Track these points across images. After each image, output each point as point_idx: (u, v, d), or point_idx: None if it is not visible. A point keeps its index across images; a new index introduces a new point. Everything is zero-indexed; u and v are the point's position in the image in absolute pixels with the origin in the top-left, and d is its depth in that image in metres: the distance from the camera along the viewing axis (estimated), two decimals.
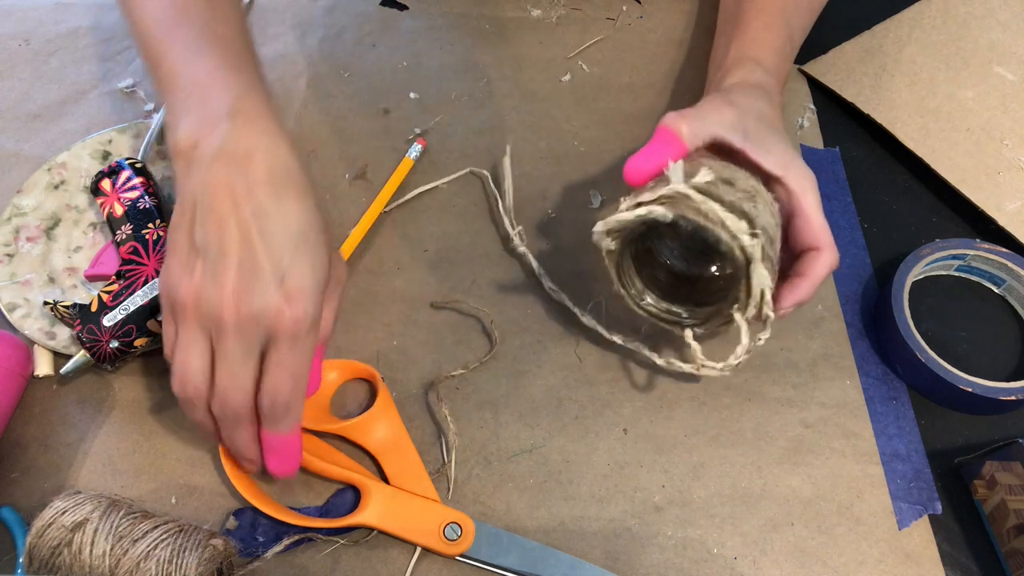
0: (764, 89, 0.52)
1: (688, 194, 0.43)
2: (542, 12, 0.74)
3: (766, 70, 0.54)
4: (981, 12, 0.69)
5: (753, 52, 0.55)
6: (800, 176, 0.47)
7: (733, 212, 0.42)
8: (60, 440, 0.51)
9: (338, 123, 0.66)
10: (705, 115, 0.47)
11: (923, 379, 0.53)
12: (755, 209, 0.44)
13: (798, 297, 0.47)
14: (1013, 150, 0.61)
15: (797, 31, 0.60)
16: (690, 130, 0.46)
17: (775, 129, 0.49)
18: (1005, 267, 0.56)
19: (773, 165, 0.47)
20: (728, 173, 0.45)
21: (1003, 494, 0.47)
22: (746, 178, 0.45)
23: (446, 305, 0.57)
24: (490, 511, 0.49)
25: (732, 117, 0.48)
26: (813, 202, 0.47)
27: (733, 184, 0.44)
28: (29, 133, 0.65)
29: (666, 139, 0.47)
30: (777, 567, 0.47)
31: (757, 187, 0.45)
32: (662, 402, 0.53)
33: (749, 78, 0.53)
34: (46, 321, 0.54)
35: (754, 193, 0.45)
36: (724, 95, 0.50)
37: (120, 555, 0.41)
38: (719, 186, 0.44)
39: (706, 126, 0.47)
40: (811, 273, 0.47)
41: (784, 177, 0.47)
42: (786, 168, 0.47)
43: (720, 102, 0.49)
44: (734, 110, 0.48)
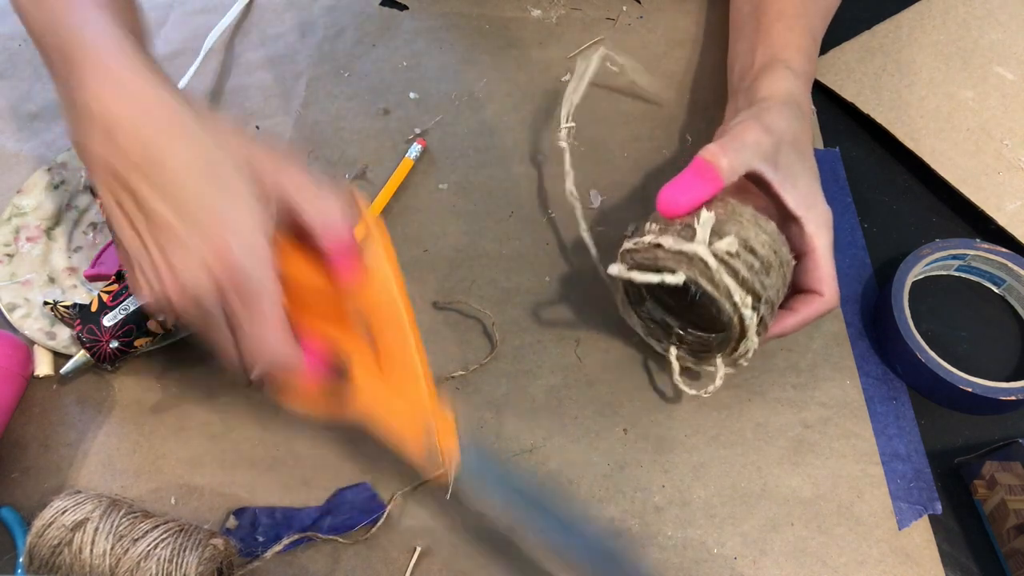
0: (796, 102, 0.51)
1: (707, 261, 0.43)
2: (542, 12, 0.74)
3: (796, 73, 0.53)
4: (981, 12, 0.69)
5: (782, 55, 0.54)
6: (818, 219, 0.47)
7: (744, 288, 0.44)
8: (60, 440, 0.51)
9: (338, 123, 0.66)
10: (744, 146, 0.46)
11: (923, 379, 0.53)
12: (767, 280, 0.45)
13: (780, 330, 0.48)
14: (1013, 150, 0.61)
15: (818, 32, 0.60)
16: (730, 165, 0.45)
17: (804, 156, 0.49)
18: (1005, 267, 0.56)
19: (795, 204, 0.47)
20: (753, 234, 0.45)
21: (1003, 494, 0.47)
22: (768, 241, 0.45)
23: (447, 305, 0.57)
24: (490, 511, 0.49)
25: (768, 146, 0.47)
26: (825, 247, 0.47)
27: (754, 252, 0.44)
28: (29, 133, 0.65)
29: (703, 173, 0.45)
30: (777, 567, 0.47)
31: (776, 246, 0.46)
32: (662, 402, 0.53)
33: (780, 88, 0.52)
34: (46, 321, 0.54)
35: (770, 263, 0.45)
36: (759, 118, 0.48)
37: (120, 554, 0.41)
38: (739, 257, 0.44)
39: (744, 159, 0.46)
40: (803, 312, 0.48)
41: (803, 219, 0.47)
42: (808, 208, 0.47)
43: (758, 129, 0.47)
44: (770, 138, 0.47)
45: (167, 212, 0.37)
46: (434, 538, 0.48)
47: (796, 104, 0.51)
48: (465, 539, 0.48)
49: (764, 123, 0.48)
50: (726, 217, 0.45)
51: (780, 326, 0.48)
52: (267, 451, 0.51)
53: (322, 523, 0.48)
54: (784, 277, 0.46)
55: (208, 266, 0.37)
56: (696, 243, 0.44)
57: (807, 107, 0.53)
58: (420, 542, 0.48)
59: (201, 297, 0.37)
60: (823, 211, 0.48)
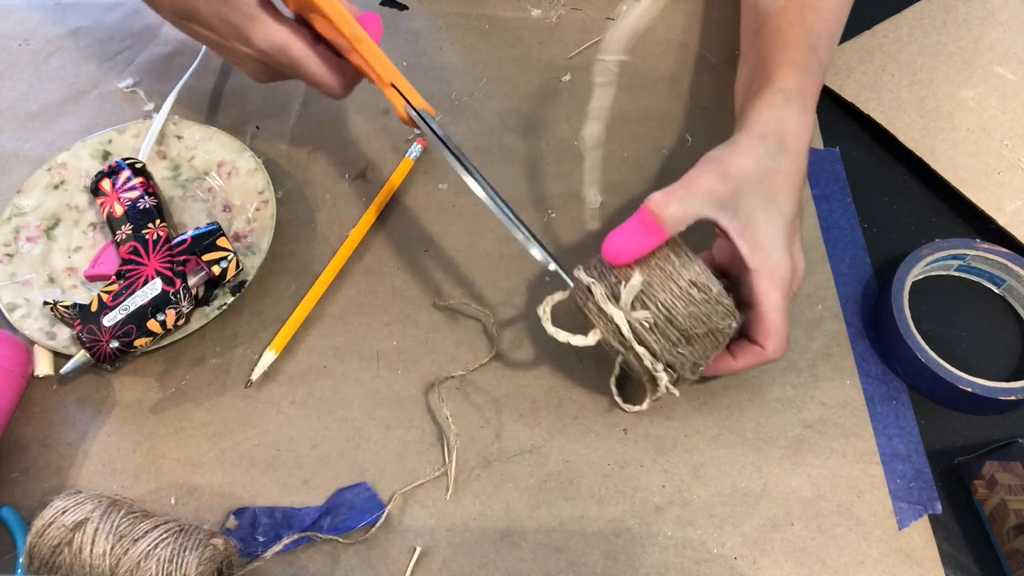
0: (777, 135, 0.49)
1: (622, 329, 0.45)
2: (542, 12, 0.74)
3: (787, 96, 0.50)
4: (981, 12, 0.69)
5: (775, 76, 0.52)
6: (772, 273, 0.46)
7: (656, 358, 0.45)
8: (60, 440, 0.51)
9: (338, 123, 0.66)
10: (694, 195, 0.45)
11: (923, 379, 0.53)
12: (687, 350, 0.45)
13: (717, 372, 0.49)
14: (1013, 150, 0.61)
15: (823, 38, 0.56)
16: (674, 216, 0.45)
17: (773, 199, 0.47)
18: (1005, 267, 0.56)
19: (749, 255, 0.46)
20: (681, 306, 0.44)
21: (1003, 494, 0.47)
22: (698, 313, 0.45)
23: (447, 305, 0.57)
24: (490, 511, 0.49)
25: (724, 195, 0.46)
26: (772, 303, 0.46)
27: (675, 325, 0.44)
28: (29, 133, 0.65)
29: (647, 224, 0.45)
30: (777, 567, 0.47)
31: (708, 315, 0.45)
32: (662, 402, 0.53)
33: (763, 117, 0.49)
34: (46, 321, 0.54)
35: (694, 334, 0.45)
36: (720, 161, 0.47)
37: (120, 554, 0.41)
38: (656, 329, 0.45)
39: (692, 209, 0.45)
40: (742, 360, 0.48)
41: (755, 272, 0.46)
42: (763, 261, 0.46)
43: (714, 176, 0.46)
44: (728, 186, 0.46)
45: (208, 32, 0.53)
46: (434, 538, 0.48)
47: (776, 137, 0.48)
48: (465, 539, 0.48)
49: (723, 167, 0.46)
50: (660, 282, 0.45)
51: (717, 368, 0.49)
52: (267, 451, 0.51)
53: (322, 523, 0.48)
54: (718, 340, 0.46)
55: (250, 56, 0.52)
56: (616, 308, 0.45)
57: (800, 133, 0.50)
58: (420, 542, 0.48)
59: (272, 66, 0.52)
60: (780, 264, 0.46)
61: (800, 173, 0.49)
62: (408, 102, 0.51)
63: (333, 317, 0.56)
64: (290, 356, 0.55)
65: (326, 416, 0.52)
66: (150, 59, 0.70)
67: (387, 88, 0.51)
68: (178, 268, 0.52)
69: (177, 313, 0.51)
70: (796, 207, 0.49)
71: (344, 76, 0.52)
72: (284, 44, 0.50)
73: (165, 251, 0.53)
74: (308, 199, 0.62)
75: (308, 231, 0.60)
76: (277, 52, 0.50)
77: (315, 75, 0.51)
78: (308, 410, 0.53)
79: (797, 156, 0.49)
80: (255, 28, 0.50)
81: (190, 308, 0.52)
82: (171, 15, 0.54)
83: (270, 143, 0.65)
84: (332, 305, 0.57)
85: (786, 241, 0.47)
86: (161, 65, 0.69)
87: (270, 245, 0.57)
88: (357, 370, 0.54)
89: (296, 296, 0.56)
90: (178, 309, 0.51)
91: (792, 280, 0.47)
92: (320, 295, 0.56)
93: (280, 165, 0.64)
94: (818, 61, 0.54)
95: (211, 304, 0.55)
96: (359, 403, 0.53)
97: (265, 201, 0.59)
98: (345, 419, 0.52)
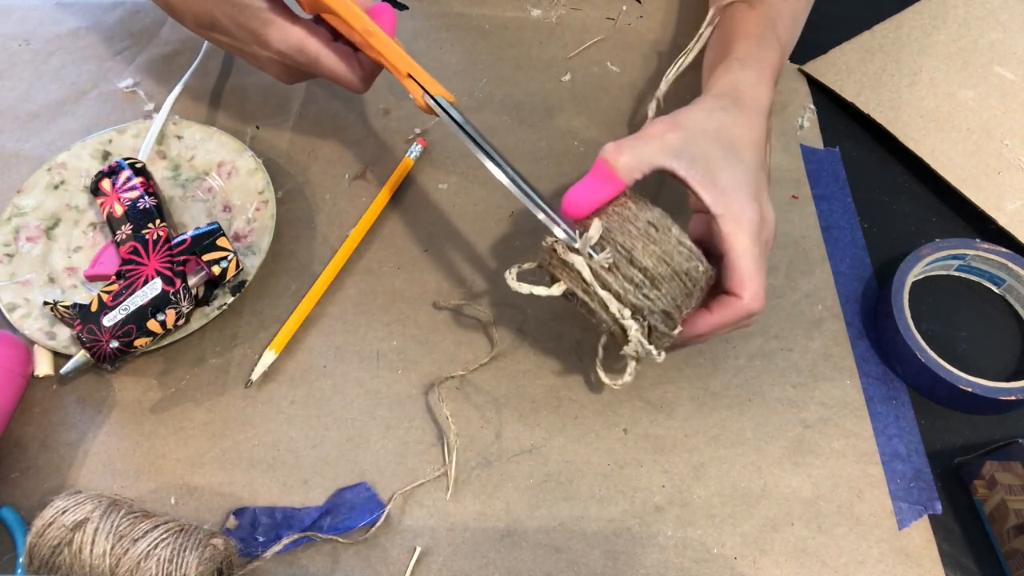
0: (734, 93, 0.50)
1: (583, 274, 0.44)
2: (542, 12, 0.74)
3: (743, 63, 0.52)
4: (981, 12, 0.69)
5: (733, 47, 0.53)
6: (738, 216, 0.45)
7: (620, 301, 0.44)
8: (60, 440, 0.51)
9: (338, 123, 0.66)
10: (645, 144, 0.46)
11: (923, 379, 0.53)
12: (653, 293, 0.44)
13: (696, 332, 0.47)
14: (1013, 150, 0.61)
15: (784, 17, 0.57)
16: (626, 164, 0.45)
17: (732, 149, 0.47)
18: (1005, 267, 0.56)
19: (712, 201, 0.45)
20: (640, 245, 0.44)
21: (1003, 494, 0.47)
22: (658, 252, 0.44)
23: (447, 306, 0.57)
24: (490, 511, 0.49)
25: (677, 142, 0.46)
26: (742, 248, 0.45)
27: (636, 264, 0.44)
28: (29, 133, 0.65)
29: (603, 174, 0.45)
30: (777, 567, 0.47)
31: (671, 256, 0.44)
32: (662, 402, 0.53)
33: (719, 83, 0.51)
34: (46, 321, 0.54)
35: (658, 275, 0.44)
36: (673, 115, 0.48)
37: (120, 554, 0.41)
38: (618, 270, 0.44)
39: (645, 157, 0.45)
40: (719, 314, 0.46)
41: (719, 217, 0.45)
42: (726, 206, 0.45)
43: (665, 126, 0.47)
44: (680, 134, 0.46)
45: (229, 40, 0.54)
46: (434, 538, 0.48)
47: (731, 95, 0.49)
48: (465, 539, 0.48)
49: (675, 119, 0.47)
50: (619, 226, 0.45)
51: (694, 327, 0.46)
52: (267, 451, 0.51)
53: (322, 523, 0.48)
54: (686, 286, 0.45)
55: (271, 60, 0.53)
56: (575, 255, 0.44)
57: (756, 95, 0.50)
58: (420, 542, 0.48)
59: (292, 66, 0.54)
60: (745, 208, 0.45)
61: (760, 129, 0.49)
62: (426, 90, 0.51)
63: (333, 317, 0.56)
64: (290, 356, 0.55)
65: (326, 416, 0.52)
66: (150, 59, 0.70)
67: (404, 79, 0.51)
68: (178, 268, 0.52)
69: (177, 313, 0.51)
70: (759, 159, 0.48)
71: (363, 70, 0.53)
72: (300, 44, 0.51)
73: (165, 251, 0.53)
74: (308, 199, 0.62)
75: (308, 231, 0.60)
76: (295, 52, 0.51)
77: (334, 71, 0.52)
78: (308, 410, 0.53)
79: (755, 113, 0.49)
80: (271, 31, 0.51)
81: (190, 308, 0.52)
82: (193, 26, 0.56)
83: (270, 143, 0.65)
84: (332, 305, 0.57)
85: (751, 189, 0.46)
86: (161, 65, 0.69)
87: (270, 245, 0.57)
88: (357, 370, 0.54)
89: (296, 296, 0.56)
90: (178, 309, 0.51)
91: (762, 228, 0.46)
92: (320, 295, 0.56)
93: (280, 165, 0.64)
94: (776, 36, 0.55)
95: (211, 304, 0.55)
96: (359, 403, 0.53)
97: (265, 201, 0.59)
98: (345, 419, 0.52)
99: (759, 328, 0.56)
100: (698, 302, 0.46)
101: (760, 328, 0.56)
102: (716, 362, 0.55)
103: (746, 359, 0.55)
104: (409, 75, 0.51)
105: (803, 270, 0.59)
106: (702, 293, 0.46)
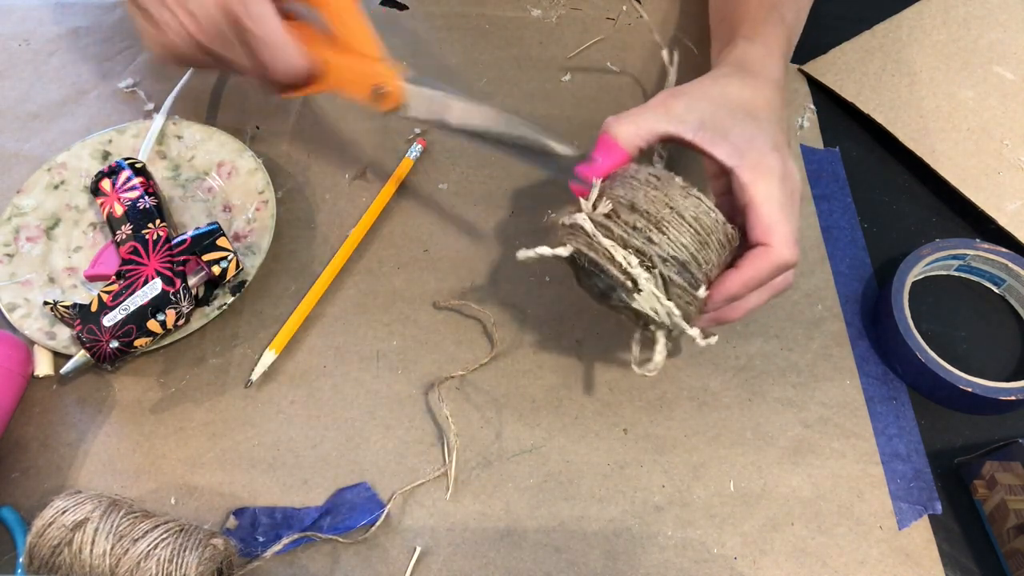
0: (740, 68, 0.49)
1: (585, 227, 0.43)
2: (542, 12, 0.74)
3: (749, 40, 0.51)
4: (981, 12, 0.69)
5: (736, 33, 0.53)
6: (754, 166, 0.43)
7: (623, 245, 0.42)
8: (60, 440, 0.51)
9: (338, 123, 0.66)
10: (644, 113, 0.45)
11: (923, 379, 0.53)
12: (658, 237, 0.42)
13: (726, 290, 0.43)
14: (1013, 150, 0.61)
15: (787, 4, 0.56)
16: (627, 133, 0.45)
17: (741, 112, 0.45)
18: (1005, 267, 0.56)
19: (726, 155, 0.44)
20: (641, 193, 0.43)
21: (1003, 494, 0.47)
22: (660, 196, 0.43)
23: (448, 306, 0.57)
24: (490, 511, 0.49)
25: (680, 108, 0.45)
26: (765, 193, 0.43)
27: (637, 209, 0.43)
28: (29, 133, 0.65)
29: (607, 147, 0.45)
30: (777, 567, 0.47)
31: (673, 201, 0.43)
32: (662, 402, 0.53)
33: (725, 59, 0.51)
34: (46, 321, 0.54)
35: (662, 218, 0.42)
36: (678, 88, 0.47)
37: (120, 554, 0.41)
38: (618, 216, 0.43)
39: (646, 125, 0.45)
40: (748, 268, 0.43)
41: (736, 168, 0.43)
42: (741, 157, 0.43)
43: (666, 95, 0.47)
44: (683, 100, 0.46)
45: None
46: (434, 538, 0.48)
47: (739, 65, 0.49)
48: (465, 539, 0.48)
49: (679, 89, 0.47)
50: (620, 182, 0.44)
51: (724, 287, 0.43)
52: (267, 451, 0.51)
53: (322, 523, 0.48)
54: (698, 233, 0.43)
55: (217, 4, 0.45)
56: (578, 213, 0.44)
57: (765, 65, 0.49)
58: (420, 542, 0.48)
59: (219, 25, 0.46)
60: (765, 156, 0.43)
61: (772, 94, 0.48)
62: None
63: (333, 317, 0.56)
64: (290, 356, 0.55)
65: (326, 416, 0.52)
66: (150, 59, 0.70)
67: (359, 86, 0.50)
68: (178, 268, 0.52)
69: (177, 313, 0.51)
70: (776, 118, 0.47)
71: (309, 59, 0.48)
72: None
73: (165, 251, 0.53)
74: (308, 199, 0.62)
75: (308, 231, 0.60)
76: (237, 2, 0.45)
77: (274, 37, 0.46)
78: (308, 410, 0.53)
79: (764, 79, 0.48)
80: None
81: (190, 308, 0.52)
82: None
83: (270, 143, 0.65)
84: (332, 305, 0.57)
85: (770, 140, 0.45)
86: (161, 65, 0.69)
87: (270, 245, 0.57)
88: (357, 370, 0.54)
89: (296, 296, 0.56)
90: (178, 309, 0.51)
91: (785, 177, 0.44)
92: (320, 295, 0.56)
93: (280, 165, 0.64)
94: (781, 17, 0.54)
95: (211, 304, 0.55)
96: (359, 403, 0.53)
97: (265, 201, 0.59)
98: (345, 419, 0.52)
99: (759, 328, 0.56)
100: (721, 258, 0.44)
101: (760, 328, 0.56)
102: (716, 362, 0.55)
103: (746, 359, 0.55)
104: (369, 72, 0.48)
105: (803, 270, 0.59)
106: (722, 249, 0.44)
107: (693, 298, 0.43)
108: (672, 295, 0.43)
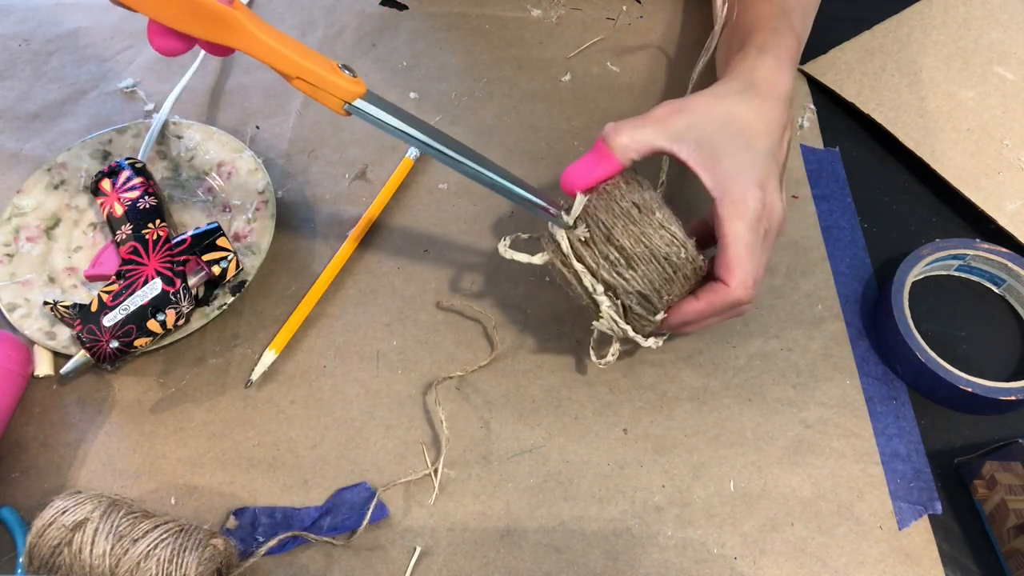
0: (749, 85, 0.48)
1: (561, 245, 0.46)
2: (542, 12, 0.74)
3: (760, 49, 0.51)
4: (981, 12, 0.69)
5: (749, 36, 0.53)
6: (734, 201, 0.44)
7: (593, 276, 0.45)
8: (60, 440, 0.51)
9: (338, 123, 0.66)
10: (645, 126, 0.46)
11: (923, 379, 0.53)
12: (628, 273, 0.45)
13: (682, 318, 0.46)
14: (1013, 150, 0.61)
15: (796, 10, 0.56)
16: (622, 145, 0.45)
17: (740, 139, 0.46)
18: (1005, 267, 0.56)
19: (712, 185, 0.45)
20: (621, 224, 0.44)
21: (1003, 494, 0.47)
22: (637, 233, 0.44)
23: (447, 306, 0.57)
24: (490, 511, 0.49)
25: (680, 126, 0.46)
26: (734, 234, 0.44)
27: (613, 242, 0.44)
28: (29, 133, 0.65)
29: (601, 154, 0.46)
30: (777, 567, 0.47)
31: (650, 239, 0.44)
32: (662, 402, 0.53)
33: (734, 70, 0.50)
34: (46, 321, 0.54)
35: (634, 255, 0.44)
36: (683, 100, 0.47)
37: (120, 555, 0.41)
38: (594, 245, 0.45)
39: (643, 139, 0.45)
40: (704, 300, 0.45)
41: (717, 201, 0.45)
42: (724, 190, 0.45)
43: (670, 110, 0.47)
44: (685, 117, 0.46)
45: None
46: (434, 538, 0.48)
47: (748, 80, 0.48)
48: (465, 539, 0.48)
49: (683, 103, 0.47)
50: (604, 204, 0.45)
51: (679, 313, 0.46)
52: (267, 451, 0.51)
53: (322, 523, 0.48)
54: (664, 270, 0.45)
55: None
56: (558, 227, 0.46)
57: (774, 81, 0.49)
58: (420, 542, 0.48)
59: None
60: (746, 194, 0.44)
61: (775, 116, 0.48)
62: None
63: (333, 317, 0.56)
64: (290, 356, 0.55)
65: (326, 416, 0.52)
66: (150, 59, 0.70)
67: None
68: (178, 268, 0.52)
69: (177, 313, 0.51)
70: (770, 147, 0.47)
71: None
72: None
73: (165, 251, 0.53)
74: (308, 199, 0.62)
75: (308, 231, 0.60)
76: None
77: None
78: (308, 410, 0.53)
79: (771, 99, 0.48)
80: None
81: (190, 308, 0.52)
82: None
83: (270, 143, 0.65)
84: (332, 305, 0.57)
85: (756, 175, 0.45)
86: (161, 65, 0.69)
87: (270, 245, 0.57)
88: (357, 370, 0.54)
89: (296, 296, 0.56)
90: (178, 309, 0.51)
91: (763, 216, 0.45)
92: (320, 295, 0.56)
93: (280, 165, 0.64)
94: (790, 26, 0.54)
95: (211, 304, 0.55)
96: (359, 403, 0.53)
97: (265, 201, 0.59)
98: (345, 419, 0.52)
99: (759, 328, 0.56)
100: (684, 289, 0.46)
101: (760, 328, 0.56)
102: (716, 362, 0.55)
103: (746, 359, 0.55)
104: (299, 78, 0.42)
105: (803, 270, 0.59)
106: (687, 281, 0.46)
107: (649, 322, 0.47)
108: (631, 320, 0.46)
